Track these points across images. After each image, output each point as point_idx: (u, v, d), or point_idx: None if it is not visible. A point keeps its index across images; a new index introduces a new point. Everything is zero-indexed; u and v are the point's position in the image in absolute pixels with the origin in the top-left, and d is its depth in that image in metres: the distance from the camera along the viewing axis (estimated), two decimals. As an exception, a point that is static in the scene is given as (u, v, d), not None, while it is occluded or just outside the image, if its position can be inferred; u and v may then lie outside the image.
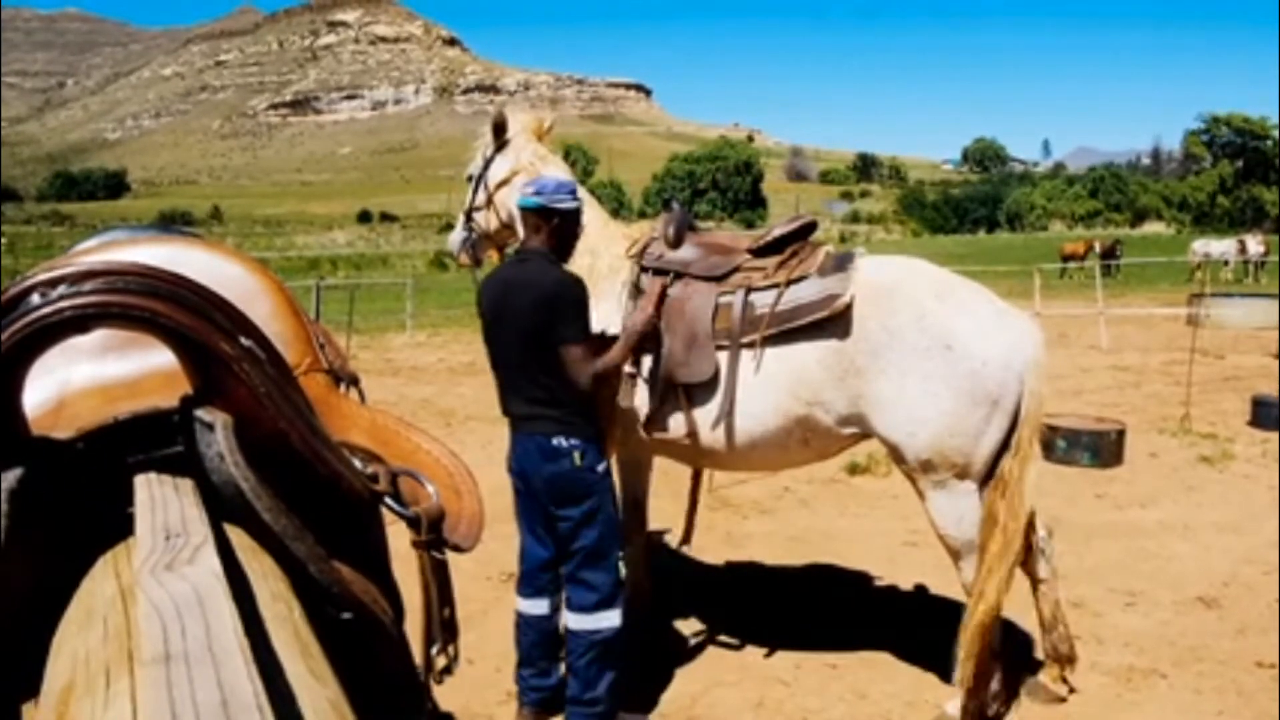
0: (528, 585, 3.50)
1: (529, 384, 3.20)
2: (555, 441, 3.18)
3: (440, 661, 1.42)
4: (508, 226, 4.09)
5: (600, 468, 3.29)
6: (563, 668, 3.64)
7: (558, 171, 3.95)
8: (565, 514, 3.25)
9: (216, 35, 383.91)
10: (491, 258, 4.30)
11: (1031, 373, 3.20)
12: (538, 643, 3.50)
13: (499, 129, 4.00)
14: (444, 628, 1.41)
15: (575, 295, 3.19)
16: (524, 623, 3.51)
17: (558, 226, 3.28)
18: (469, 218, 4.12)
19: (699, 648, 4.18)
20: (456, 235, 4.20)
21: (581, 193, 3.96)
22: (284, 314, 1.43)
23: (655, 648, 4.11)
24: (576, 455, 3.19)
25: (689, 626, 4.39)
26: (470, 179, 4.13)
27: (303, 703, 0.67)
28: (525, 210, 3.31)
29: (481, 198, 4.06)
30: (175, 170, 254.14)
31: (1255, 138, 74.85)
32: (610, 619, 3.29)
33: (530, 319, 3.14)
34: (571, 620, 3.32)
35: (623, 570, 3.39)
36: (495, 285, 3.31)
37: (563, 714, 3.46)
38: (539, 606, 3.49)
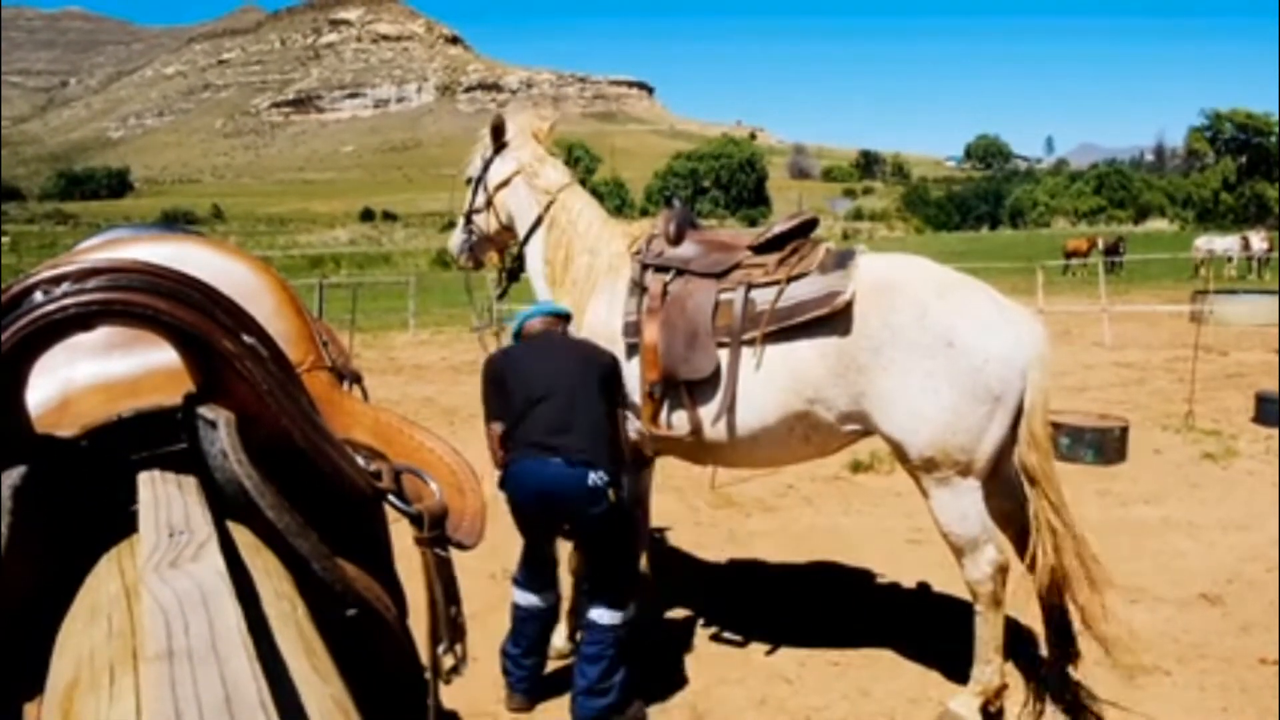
0: (531, 585, 3.62)
1: (572, 427, 3.34)
2: (591, 479, 3.28)
3: (448, 661, 1.41)
4: (508, 228, 4.09)
5: (625, 494, 3.47)
6: (556, 653, 3.84)
7: (556, 172, 3.96)
8: (601, 546, 3.45)
9: (219, 34, 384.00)
10: (492, 259, 4.29)
11: (1035, 368, 3.20)
12: (538, 632, 3.66)
13: (498, 131, 4.00)
14: (450, 627, 1.40)
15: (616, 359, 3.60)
16: (526, 614, 3.63)
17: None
18: (469, 220, 4.11)
19: (702, 645, 4.18)
20: (457, 237, 4.20)
21: (579, 191, 3.99)
22: (287, 311, 1.43)
23: (659, 645, 4.12)
24: (611, 493, 3.31)
25: (692, 624, 4.39)
26: (469, 181, 4.13)
27: (306, 700, 0.67)
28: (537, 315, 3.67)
29: (481, 199, 4.06)
30: (178, 169, 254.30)
31: (1258, 134, 74.68)
32: (631, 613, 3.49)
33: (595, 373, 3.44)
34: (603, 616, 3.42)
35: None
36: (536, 349, 3.55)
37: (550, 699, 3.66)
38: (537, 600, 3.62)
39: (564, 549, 3.91)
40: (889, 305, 3.25)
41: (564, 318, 3.68)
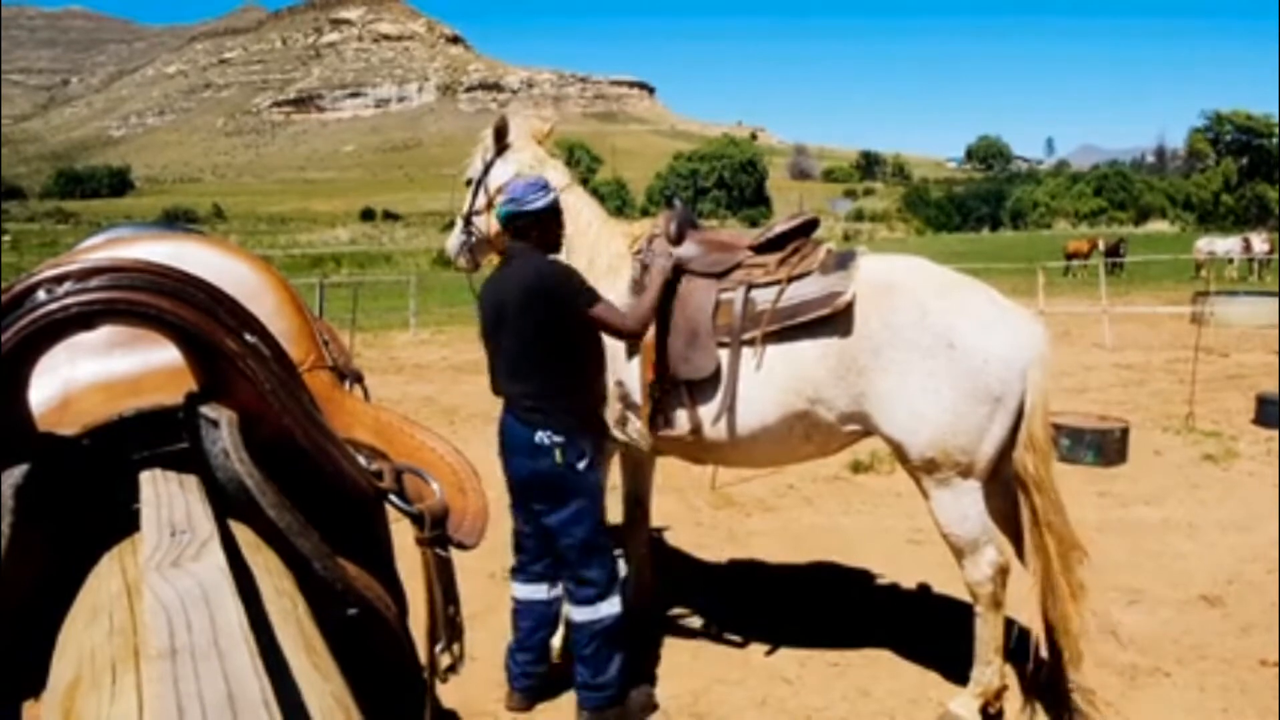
0: (524, 572, 3.59)
1: (519, 370, 3.27)
2: (538, 437, 3.22)
3: (445, 660, 1.41)
4: None
5: (582, 464, 3.30)
6: (554, 653, 3.75)
7: (556, 174, 3.95)
8: (549, 513, 3.34)
9: (220, 33, 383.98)
10: (491, 261, 4.27)
11: (1035, 368, 3.20)
12: (535, 628, 3.60)
13: (500, 134, 3.99)
14: (449, 626, 1.41)
15: (564, 270, 3.35)
16: (522, 608, 3.60)
17: (531, 225, 3.37)
18: (468, 221, 4.09)
19: (702, 645, 4.18)
20: (455, 239, 4.18)
21: (579, 192, 3.97)
22: (288, 311, 1.43)
23: (659, 645, 4.12)
24: (558, 452, 3.23)
25: (692, 624, 4.39)
26: (469, 183, 4.11)
27: (307, 697, 0.68)
28: (502, 220, 3.44)
29: (482, 201, 4.04)
30: (179, 168, 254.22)
31: (1259, 136, 74.70)
32: (611, 607, 3.39)
33: (525, 309, 3.23)
34: (575, 613, 3.40)
35: (622, 567, 3.43)
36: (491, 286, 3.43)
37: (550, 699, 3.62)
38: (537, 592, 3.57)
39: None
40: (889, 306, 3.26)
41: (532, 220, 3.32)
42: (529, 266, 3.31)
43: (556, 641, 3.88)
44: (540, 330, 3.24)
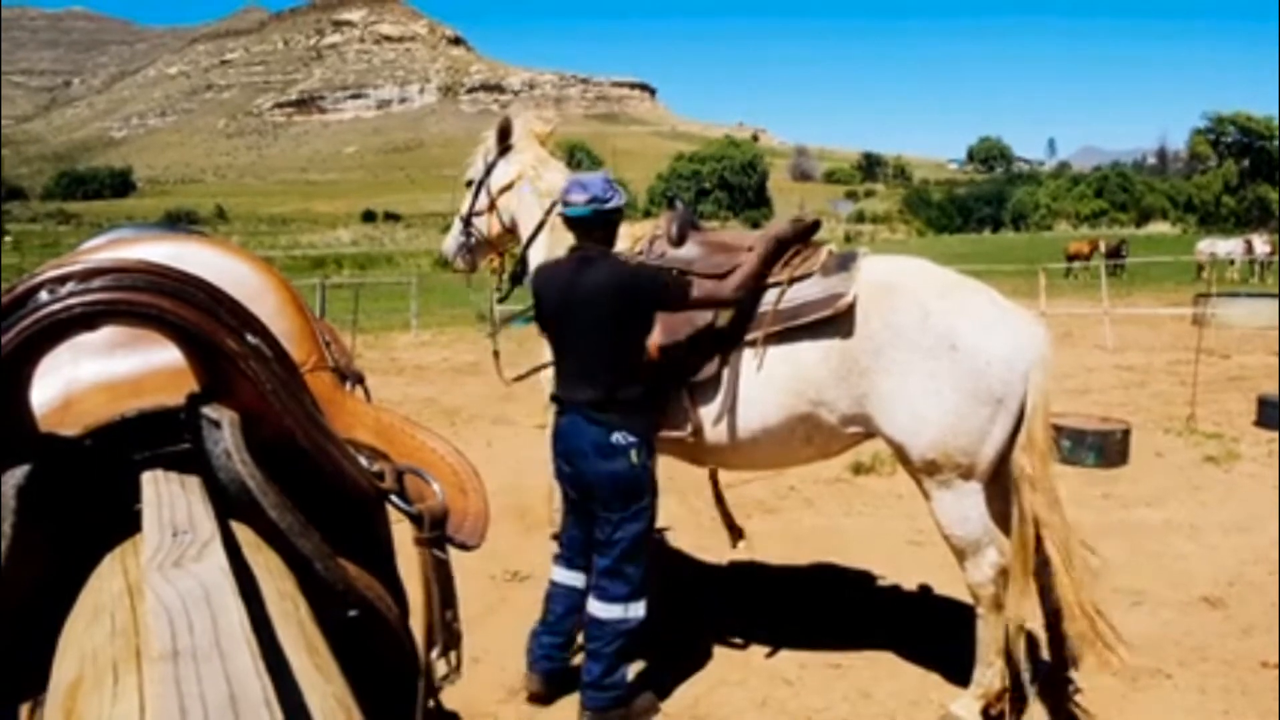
0: (568, 560, 3.59)
1: (594, 373, 3.24)
2: (614, 438, 3.22)
3: (441, 667, 1.38)
4: (510, 231, 4.06)
5: (650, 463, 3.36)
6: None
7: (558, 175, 3.95)
8: (615, 511, 3.33)
9: (222, 34, 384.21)
10: (492, 263, 4.25)
11: (1037, 369, 3.19)
12: (567, 613, 3.59)
13: (504, 134, 3.98)
14: (445, 630, 1.38)
15: (653, 268, 3.38)
16: (559, 590, 3.60)
17: (603, 223, 3.33)
18: (467, 222, 4.08)
19: (703, 647, 4.18)
20: (452, 240, 4.16)
21: None
22: (289, 311, 1.43)
23: (659, 646, 4.11)
24: (633, 453, 3.25)
25: (693, 625, 4.38)
26: (470, 184, 4.10)
27: (309, 698, 0.68)
28: (578, 219, 3.31)
29: (483, 202, 4.03)
30: (180, 169, 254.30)
31: (1260, 137, 74.75)
32: (639, 610, 3.39)
33: (611, 309, 3.19)
34: (600, 610, 3.38)
35: None
36: (560, 276, 3.34)
37: (565, 693, 3.61)
38: (576, 579, 3.57)
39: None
40: (891, 307, 3.25)
41: (607, 218, 3.30)
42: (614, 268, 3.26)
43: None
44: (624, 332, 3.24)
